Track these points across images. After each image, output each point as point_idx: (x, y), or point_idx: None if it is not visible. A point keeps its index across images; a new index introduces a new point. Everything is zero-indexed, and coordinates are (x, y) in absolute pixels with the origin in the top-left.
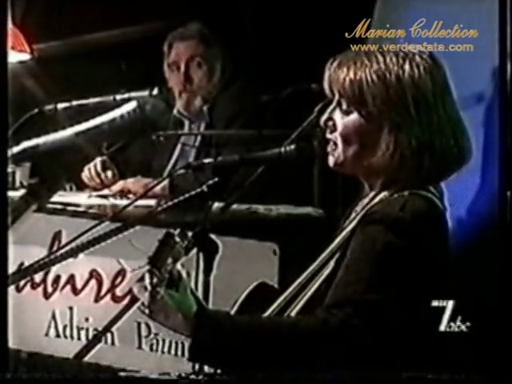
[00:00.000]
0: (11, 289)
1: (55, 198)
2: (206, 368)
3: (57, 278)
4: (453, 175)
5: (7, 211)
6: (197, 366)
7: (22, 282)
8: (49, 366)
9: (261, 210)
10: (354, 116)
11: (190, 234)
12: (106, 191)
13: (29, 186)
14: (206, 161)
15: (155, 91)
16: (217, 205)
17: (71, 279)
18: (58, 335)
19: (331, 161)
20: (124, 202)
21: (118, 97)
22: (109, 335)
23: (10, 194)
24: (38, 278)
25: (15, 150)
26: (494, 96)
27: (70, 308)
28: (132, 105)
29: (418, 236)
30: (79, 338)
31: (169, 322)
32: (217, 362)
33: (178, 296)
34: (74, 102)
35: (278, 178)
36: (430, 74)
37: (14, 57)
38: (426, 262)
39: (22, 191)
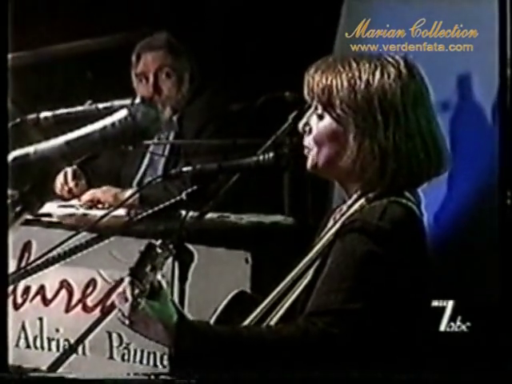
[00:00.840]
0: None
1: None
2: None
3: (26, 289)
4: (429, 181)
5: (7, 213)
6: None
7: None
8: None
9: (232, 218)
10: (326, 120)
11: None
12: (75, 201)
13: (20, 196)
14: (185, 169)
15: (137, 99)
16: (191, 213)
17: (41, 290)
18: (28, 346)
19: (308, 164)
20: (94, 211)
21: (101, 105)
22: (80, 346)
23: None
24: None
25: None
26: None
27: (40, 319)
28: (123, 113)
29: (398, 244)
30: (50, 349)
31: (150, 332)
32: (197, 371)
33: (159, 306)
34: (57, 112)
35: (248, 187)
36: (400, 84)
37: None
38: (406, 269)
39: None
